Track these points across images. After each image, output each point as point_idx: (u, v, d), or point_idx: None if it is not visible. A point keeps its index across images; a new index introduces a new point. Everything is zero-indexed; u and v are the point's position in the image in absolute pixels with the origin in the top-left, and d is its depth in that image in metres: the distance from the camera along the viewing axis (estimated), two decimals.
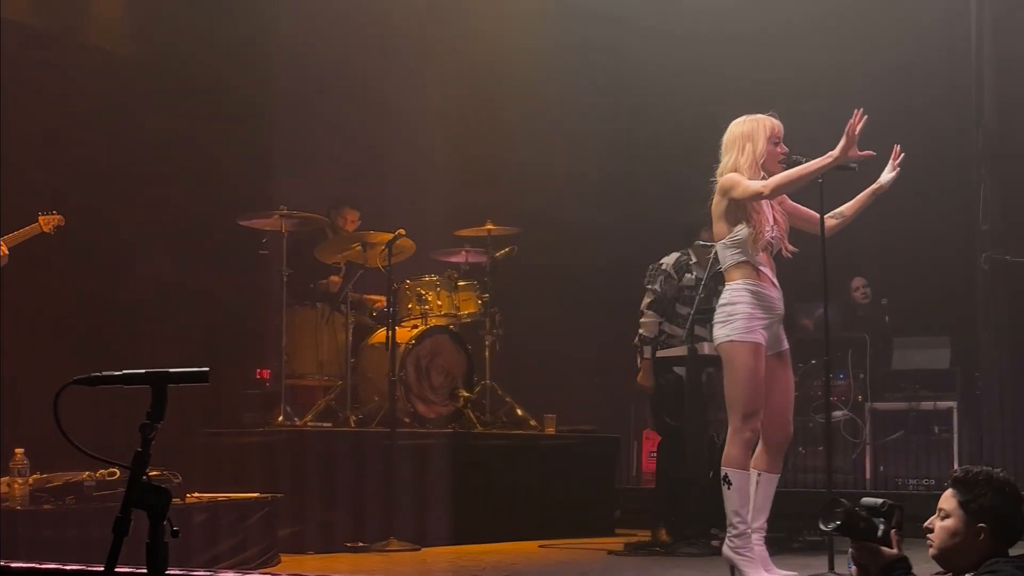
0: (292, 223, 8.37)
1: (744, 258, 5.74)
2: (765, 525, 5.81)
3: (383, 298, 8.47)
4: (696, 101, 9.30)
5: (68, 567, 3.17)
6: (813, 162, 5.70)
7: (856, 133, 5.61)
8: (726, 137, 5.87)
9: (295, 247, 8.58)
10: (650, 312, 7.70)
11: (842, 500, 3.48)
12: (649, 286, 7.75)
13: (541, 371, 9.90)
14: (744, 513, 5.77)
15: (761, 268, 5.74)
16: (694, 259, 7.77)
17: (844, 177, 5.83)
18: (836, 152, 5.65)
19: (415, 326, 8.53)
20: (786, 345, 5.89)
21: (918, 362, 9.07)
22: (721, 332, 5.73)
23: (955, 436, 8.76)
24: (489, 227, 9.02)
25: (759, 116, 5.88)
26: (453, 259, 9.24)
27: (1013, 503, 3.38)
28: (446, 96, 9.98)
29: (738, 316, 5.68)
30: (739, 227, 5.74)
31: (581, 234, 10.28)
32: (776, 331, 5.82)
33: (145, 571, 2.49)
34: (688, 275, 7.71)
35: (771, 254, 5.81)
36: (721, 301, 5.83)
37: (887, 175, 6.02)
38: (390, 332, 7.98)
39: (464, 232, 9.20)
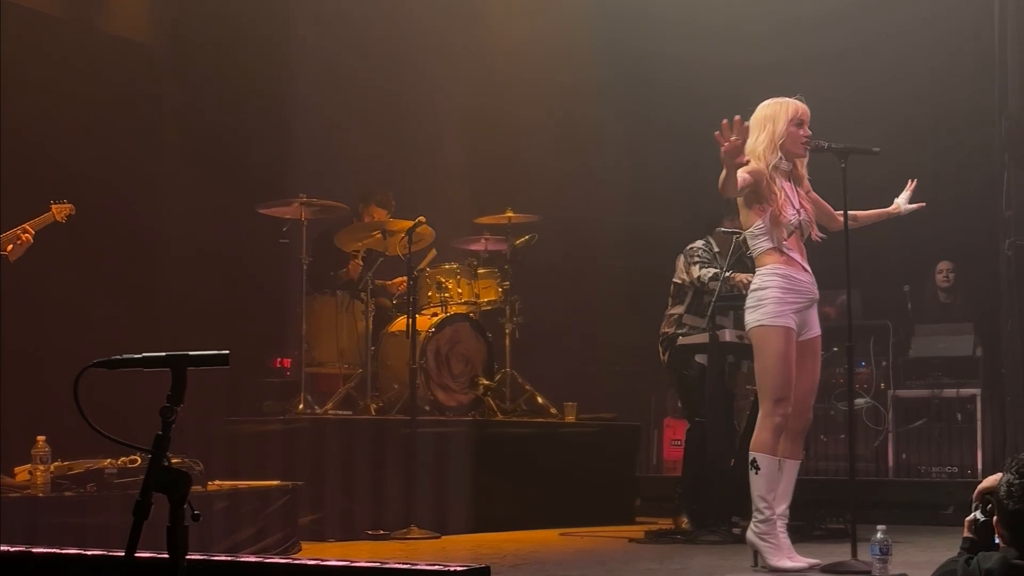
0: (312, 211, 8.36)
1: (772, 244, 5.74)
2: (787, 512, 5.80)
3: (403, 279, 8.44)
4: (716, 90, 9.24)
5: (89, 552, 3.16)
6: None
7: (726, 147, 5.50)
8: (751, 119, 5.87)
9: (315, 235, 8.57)
10: (707, 268, 7.60)
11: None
12: (699, 257, 7.70)
13: (561, 359, 9.89)
14: (771, 499, 5.77)
15: (790, 253, 5.75)
16: (716, 248, 7.75)
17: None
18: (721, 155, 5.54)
19: (435, 314, 8.52)
20: (817, 331, 5.87)
21: (941, 349, 9.01)
22: (752, 317, 5.74)
23: (978, 423, 8.70)
24: (509, 215, 8.99)
25: (785, 99, 5.88)
26: (473, 247, 9.23)
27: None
28: (466, 84, 9.96)
29: (768, 300, 5.68)
30: (766, 210, 5.74)
31: (601, 222, 10.25)
32: (807, 316, 5.81)
33: (166, 556, 2.48)
34: (706, 269, 7.69)
35: (801, 239, 5.81)
36: (752, 287, 5.84)
37: (906, 204, 6.02)
38: (410, 320, 7.97)
39: (484, 220, 9.18)
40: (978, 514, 3.38)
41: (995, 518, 3.25)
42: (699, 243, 7.84)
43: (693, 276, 7.67)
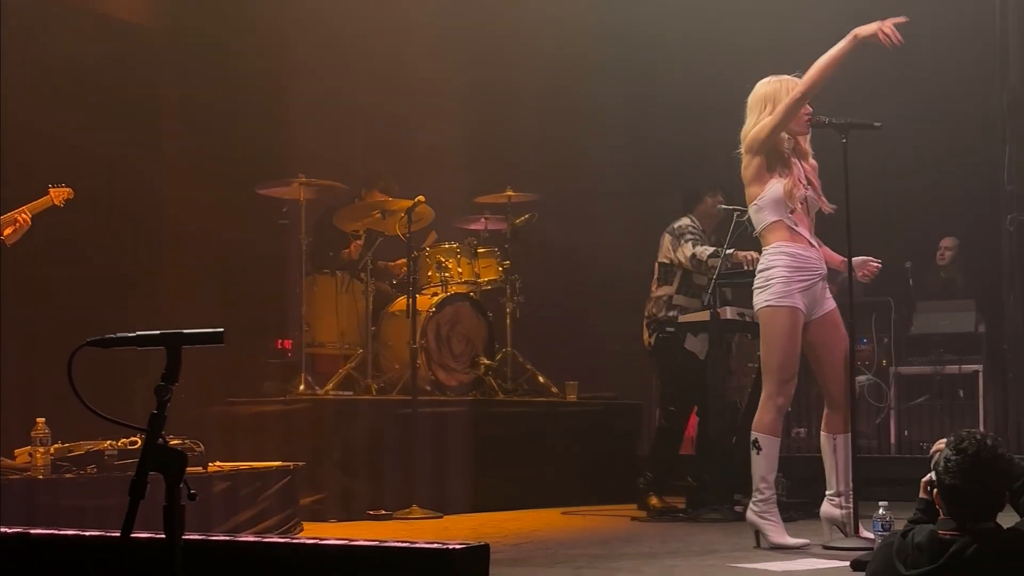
0: (311, 191, 8.34)
1: (777, 217, 5.70)
2: (851, 489, 5.72)
3: (404, 260, 8.41)
4: (716, 68, 9.22)
5: (86, 533, 3.14)
6: (835, 48, 5.64)
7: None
8: (750, 98, 5.85)
9: (315, 216, 8.54)
10: (702, 246, 7.56)
11: None
12: (690, 234, 7.65)
13: (562, 338, 9.86)
14: (771, 479, 5.77)
15: (796, 228, 5.70)
16: (701, 226, 7.72)
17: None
18: (860, 31, 5.56)
19: (435, 294, 8.50)
20: (832, 305, 5.82)
21: (943, 326, 8.98)
22: (759, 298, 5.73)
23: (980, 400, 8.68)
24: (509, 194, 8.97)
25: (784, 77, 5.85)
26: (473, 226, 9.20)
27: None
28: (466, 62, 9.90)
29: (775, 281, 5.66)
30: (770, 184, 5.70)
31: (601, 200, 10.23)
32: (817, 293, 5.76)
33: (163, 536, 2.46)
34: (699, 247, 7.65)
35: (808, 214, 5.77)
36: (759, 267, 5.81)
37: (855, 269, 5.90)
38: (410, 300, 7.95)
39: (484, 199, 9.15)
40: (932, 475, 3.44)
41: (935, 491, 3.32)
42: (685, 221, 7.78)
43: (686, 255, 7.60)
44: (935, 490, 3.39)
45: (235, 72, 8.77)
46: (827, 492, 5.80)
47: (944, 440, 3.49)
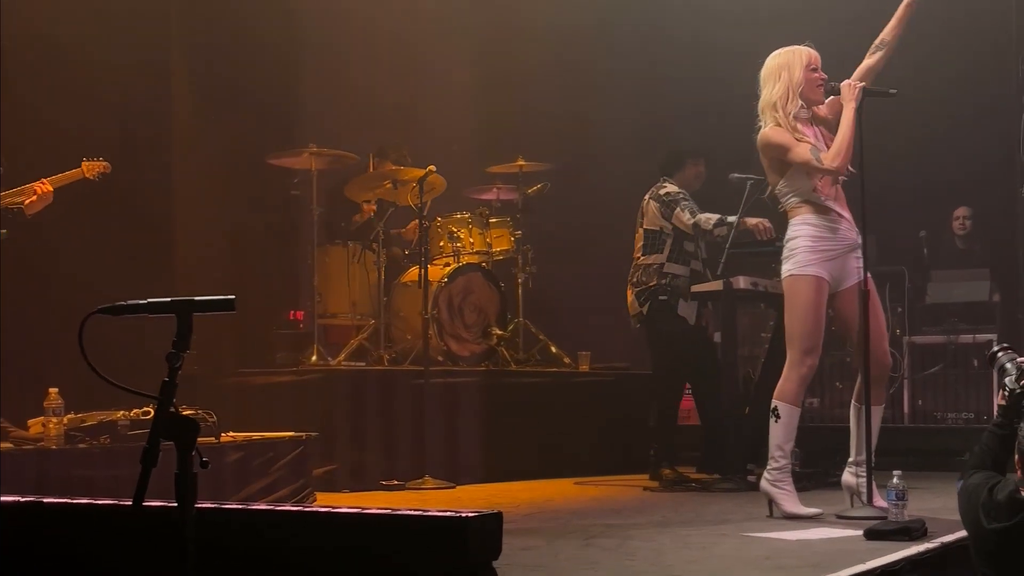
0: (322, 161, 8.32)
1: (802, 199, 5.70)
2: (865, 460, 5.72)
3: (415, 223, 8.37)
4: (727, 36, 9.17)
5: (99, 501, 3.14)
6: (846, 117, 5.63)
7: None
8: (763, 71, 5.84)
9: (326, 186, 8.52)
10: (705, 214, 7.55)
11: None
12: (685, 201, 7.65)
13: (574, 308, 9.84)
14: (787, 448, 5.76)
15: (823, 201, 5.69)
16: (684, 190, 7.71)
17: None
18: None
19: (447, 264, 8.48)
20: (861, 276, 5.75)
21: (957, 295, 8.94)
22: (784, 267, 5.74)
23: (995, 369, 8.64)
24: (521, 163, 8.94)
25: (795, 47, 5.84)
26: (485, 196, 9.17)
27: None
28: (477, 31, 9.86)
29: (798, 250, 5.67)
30: (791, 171, 5.69)
31: (613, 169, 10.18)
32: (846, 263, 5.72)
33: (175, 504, 2.45)
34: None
35: (835, 183, 5.74)
36: (786, 236, 5.80)
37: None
38: (422, 270, 7.94)
39: (496, 169, 9.12)
40: (1015, 385, 3.50)
41: (1017, 457, 3.37)
42: (672, 187, 7.75)
43: (685, 222, 7.57)
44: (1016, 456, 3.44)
45: (245, 42, 8.72)
46: (848, 459, 5.79)
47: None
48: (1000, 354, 3.76)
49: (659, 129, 10.15)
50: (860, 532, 5.07)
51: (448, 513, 2.74)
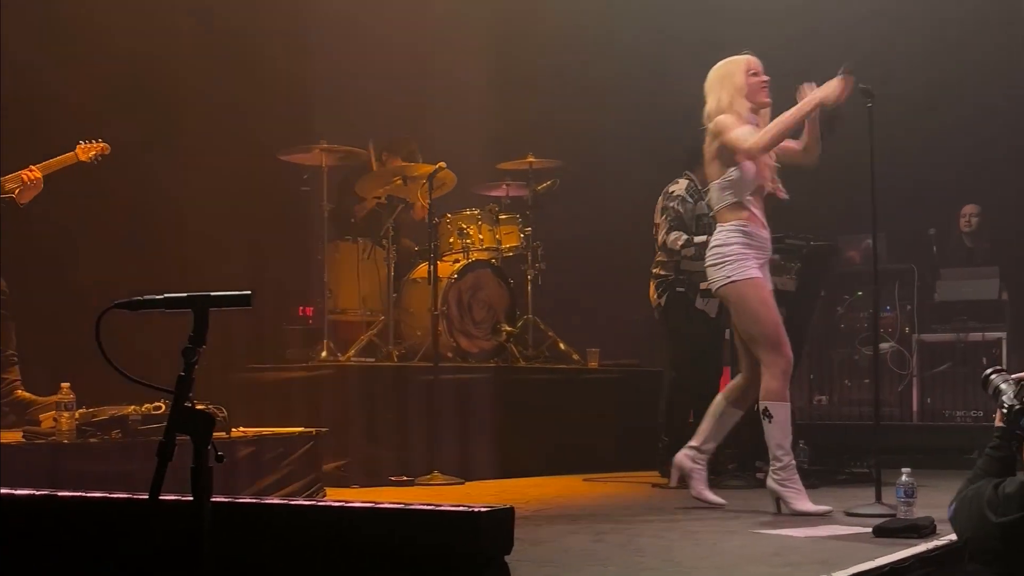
0: (333, 158, 8.33)
1: (737, 199, 5.80)
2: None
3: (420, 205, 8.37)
4: (737, 36, 9.16)
5: (114, 495, 3.16)
6: (796, 107, 5.75)
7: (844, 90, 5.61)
8: (706, 84, 5.98)
9: (336, 182, 8.54)
10: (675, 232, 7.59)
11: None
12: (669, 204, 7.66)
13: (584, 305, 9.85)
14: (787, 444, 5.80)
15: (753, 208, 5.80)
16: (699, 186, 7.70)
17: None
18: (819, 93, 5.65)
19: (457, 260, 8.50)
20: (770, 287, 5.92)
21: (966, 293, 8.93)
22: (719, 274, 5.82)
23: (1004, 367, 8.63)
24: (530, 160, 8.95)
25: (735, 58, 5.97)
26: (494, 193, 9.18)
27: None
28: (487, 30, 9.86)
29: (733, 257, 5.77)
30: (732, 169, 5.78)
31: (623, 166, 10.18)
32: (764, 270, 5.88)
33: (190, 498, 2.47)
34: (702, 201, 7.61)
35: (762, 195, 5.86)
36: (714, 242, 5.87)
37: (829, 91, 5.77)
38: (432, 267, 7.95)
39: (505, 165, 9.13)
40: (1014, 399, 3.48)
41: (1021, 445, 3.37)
42: (676, 187, 7.74)
43: (661, 234, 7.63)
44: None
45: (256, 37, 8.74)
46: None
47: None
48: (993, 376, 3.69)
49: (669, 127, 10.14)
50: (869, 529, 5.08)
51: (460, 507, 2.76)
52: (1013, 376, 3.64)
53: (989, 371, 3.72)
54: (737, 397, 6.01)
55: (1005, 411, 3.57)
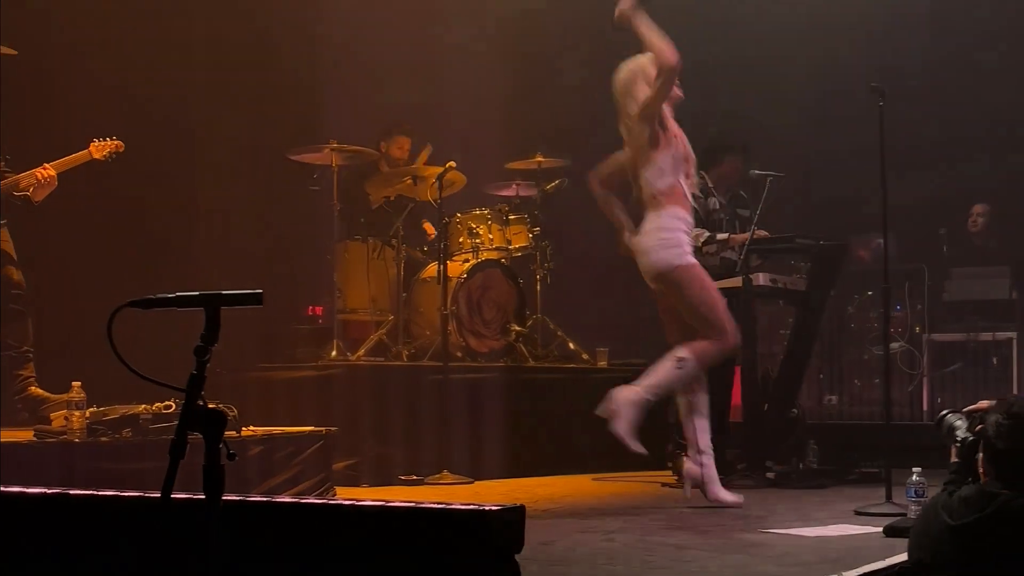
0: (343, 157, 8.34)
1: (675, 180, 5.92)
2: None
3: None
4: (745, 25, 9.17)
5: (126, 494, 3.17)
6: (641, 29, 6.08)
7: None
8: (618, 85, 6.15)
9: (346, 181, 8.55)
10: (697, 229, 7.55)
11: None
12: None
13: (593, 305, 9.84)
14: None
15: (687, 195, 5.97)
16: (710, 183, 7.68)
17: None
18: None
19: (466, 260, 8.50)
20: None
21: (976, 292, 8.91)
22: (661, 257, 5.84)
23: (1014, 367, 8.62)
24: (539, 159, 8.95)
25: (636, 57, 6.19)
26: (504, 192, 9.18)
27: None
28: (497, 27, 9.87)
29: (674, 243, 5.93)
30: (665, 149, 5.80)
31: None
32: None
33: (202, 496, 2.47)
34: (711, 198, 7.61)
35: (693, 181, 5.98)
36: (653, 225, 5.88)
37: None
38: (441, 266, 7.96)
39: (514, 165, 9.13)
40: (961, 436, 3.56)
41: (980, 456, 3.37)
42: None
43: None
44: (979, 455, 3.42)
45: (266, 37, 8.76)
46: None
47: (981, 403, 3.55)
48: (948, 415, 3.86)
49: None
50: (879, 529, 5.08)
51: (471, 506, 2.76)
52: (964, 410, 3.74)
53: (944, 412, 3.86)
54: (687, 386, 6.08)
55: (959, 445, 3.72)
